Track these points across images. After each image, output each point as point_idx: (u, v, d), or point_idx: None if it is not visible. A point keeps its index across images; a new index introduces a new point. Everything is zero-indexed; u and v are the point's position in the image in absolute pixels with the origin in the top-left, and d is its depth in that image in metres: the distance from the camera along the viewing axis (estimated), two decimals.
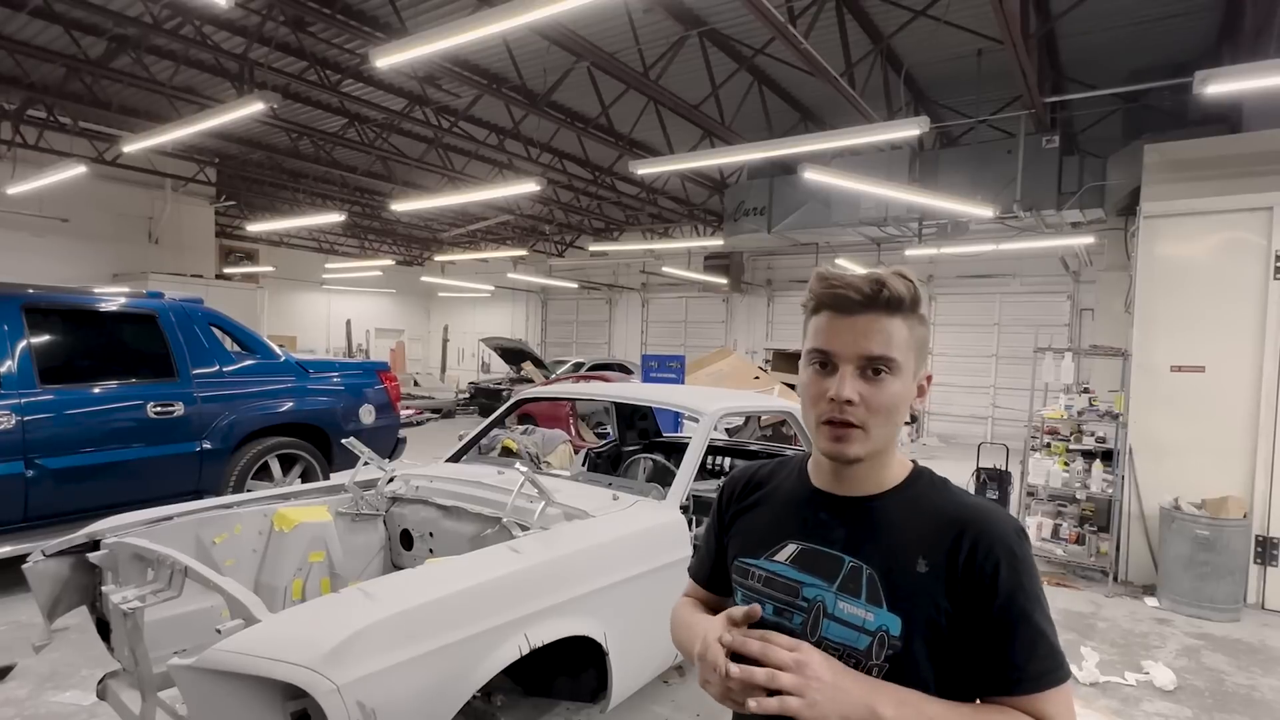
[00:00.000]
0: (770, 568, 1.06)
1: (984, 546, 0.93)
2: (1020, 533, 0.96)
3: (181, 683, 1.71)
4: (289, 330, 20.25)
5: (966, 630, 0.93)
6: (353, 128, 10.37)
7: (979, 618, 0.92)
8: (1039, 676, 0.90)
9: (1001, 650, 0.91)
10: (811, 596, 1.01)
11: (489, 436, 4.91)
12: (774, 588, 1.05)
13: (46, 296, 4.47)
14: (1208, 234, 5.26)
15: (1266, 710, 3.56)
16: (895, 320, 0.96)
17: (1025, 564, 0.93)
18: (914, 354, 0.99)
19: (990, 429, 14.58)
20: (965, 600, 0.93)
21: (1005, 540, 0.93)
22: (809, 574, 1.02)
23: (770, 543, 1.08)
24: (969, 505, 0.99)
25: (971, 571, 0.93)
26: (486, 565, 2.20)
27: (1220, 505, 4.86)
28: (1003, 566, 0.92)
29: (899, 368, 0.96)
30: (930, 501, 1.01)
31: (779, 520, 1.10)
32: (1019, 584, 0.92)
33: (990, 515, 0.97)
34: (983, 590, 0.92)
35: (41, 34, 7.77)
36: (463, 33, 4.53)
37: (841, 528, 1.03)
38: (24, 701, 3.16)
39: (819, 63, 5.72)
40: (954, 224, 10.23)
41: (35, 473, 4.08)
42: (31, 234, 11.71)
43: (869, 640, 0.96)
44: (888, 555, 0.98)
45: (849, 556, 1.00)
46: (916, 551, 0.96)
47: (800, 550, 1.05)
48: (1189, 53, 7.26)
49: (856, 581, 0.99)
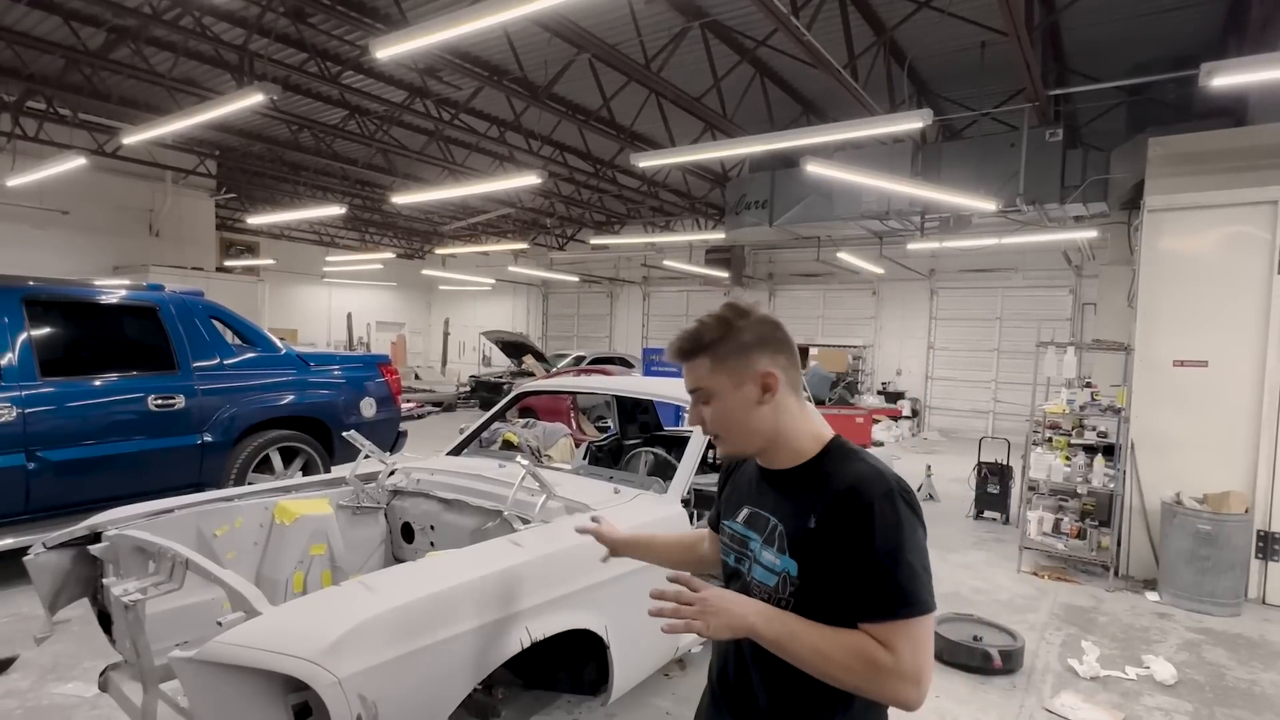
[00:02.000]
0: (733, 526, 1.38)
1: (852, 503, 1.15)
2: (887, 494, 1.15)
3: (183, 675, 1.70)
4: (290, 323, 20.25)
5: (840, 571, 1.15)
6: (353, 120, 10.33)
7: (848, 561, 1.14)
8: (877, 609, 1.11)
9: (853, 587, 1.13)
10: (752, 548, 1.31)
11: (490, 430, 4.91)
12: (734, 541, 1.37)
13: (47, 289, 4.46)
14: (1211, 228, 5.24)
15: (1267, 704, 3.56)
16: (696, 360, 1.27)
17: (883, 517, 1.13)
18: (726, 374, 1.25)
19: (992, 423, 14.57)
20: (839, 548, 1.15)
21: (870, 497, 1.14)
22: (751, 530, 1.32)
23: (736, 507, 1.39)
24: (854, 471, 1.20)
25: (842, 523, 1.15)
26: (488, 558, 2.19)
27: (1222, 500, 4.85)
28: (863, 519, 1.13)
29: (712, 393, 1.27)
30: (829, 470, 1.23)
31: (742, 490, 1.40)
32: (873, 533, 1.12)
33: (865, 478, 1.18)
34: (848, 539, 1.14)
35: (40, 25, 7.73)
36: (463, 24, 4.50)
37: (771, 494, 1.30)
38: (26, 693, 3.17)
39: (821, 55, 5.68)
40: (956, 218, 10.19)
41: (36, 465, 4.08)
42: (32, 226, 11.69)
43: (776, 579, 1.24)
44: (791, 515, 1.24)
45: (772, 516, 1.28)
46: (809, 511, 1.20)
47: (749, 513, 1.34)
48: (1194, 45, 7.21)
49: (773, 535, 1.26)
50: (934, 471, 8.27)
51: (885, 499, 1.14)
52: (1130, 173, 7.74)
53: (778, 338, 1.27)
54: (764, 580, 1.26)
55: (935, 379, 15.92)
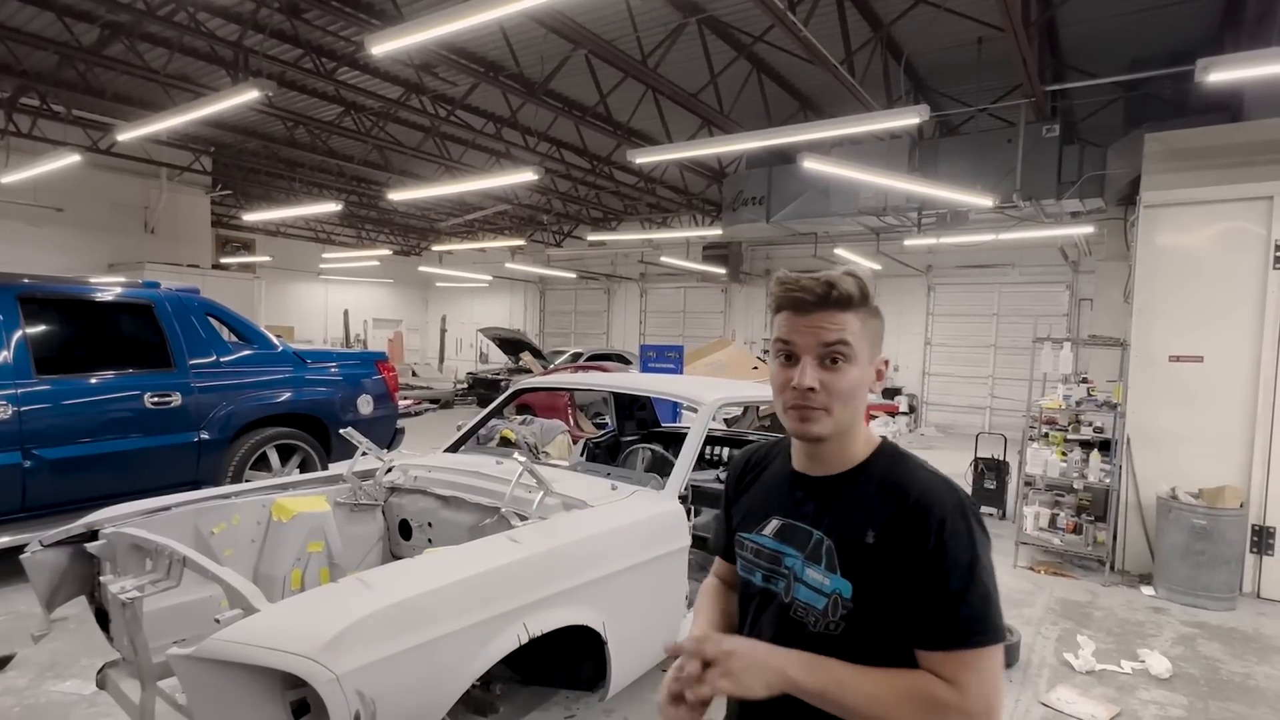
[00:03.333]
0: (759, 540, 1.21)
1: (919, 517, 1.02)
2: (959, 506, 1.03)
3: (181, 672, 1.71)
4: (286, 320, 20.18)
5: (903, 592, 1.02)
6: (349, 116, 10.30)
7: (912, 582, 1.01)
8: (946, 637, 0.99)
9: (924, 611, 1.01)
10: (789, 565, 1.15)
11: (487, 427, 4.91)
12: (762, 558, 1.20)
13: (42, 286, 4.44)
14: (1207, 224, 5.25)
15: (1261, 698, 3.58)
16: (848, 314, 1.08)
17: (955, 533, 1.01)
18: (867, 343, 1.09)
19: (988, 419, 14.60)
20: (902, 566, 1.02)
21: (939, 511, 1.02)
22: (787, 545, 1.16)
23: (759, 518, 1.22)
24: (915, 480, 1.07)
25: (908, 539, 1.02)
26: (485, 555, 2.19)
27: (1217, 495, 4.87)
28: (932, 536, 1.01)
29: (854, 355, 1.07)
30: (884, 477, 1.10)
31: (767, 498, 1.24)
32: (945, 551, 1.00)
33: (930, 488, 1.05)
34: (914, 556, 1.01)
35: (33, 20, 7.68)
36: (459, 19, 4.49)
37: (811, 503, 1.15)
38: (24, 691, 3.17)
39: (818, 50, 5.68)
40: (953, 214, 10.20)
41: (32, 463, 4.07)
42: (26, 223, 11.63)
43: (825, 601, 1.09)
44: (843, 528, 1.09)
45: (815, 529, 1.13)
46: (866, 524, 1.07)
47: (781, 525, 1.18)
48: (1190, 41, 7.21)
49: (819, 551, 1.11)
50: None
51: (957, 512, 1.03)
52: (1127, 168, 7.73)
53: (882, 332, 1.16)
54: (810, 602, 1.11)
55: (932, 375, 15.95)
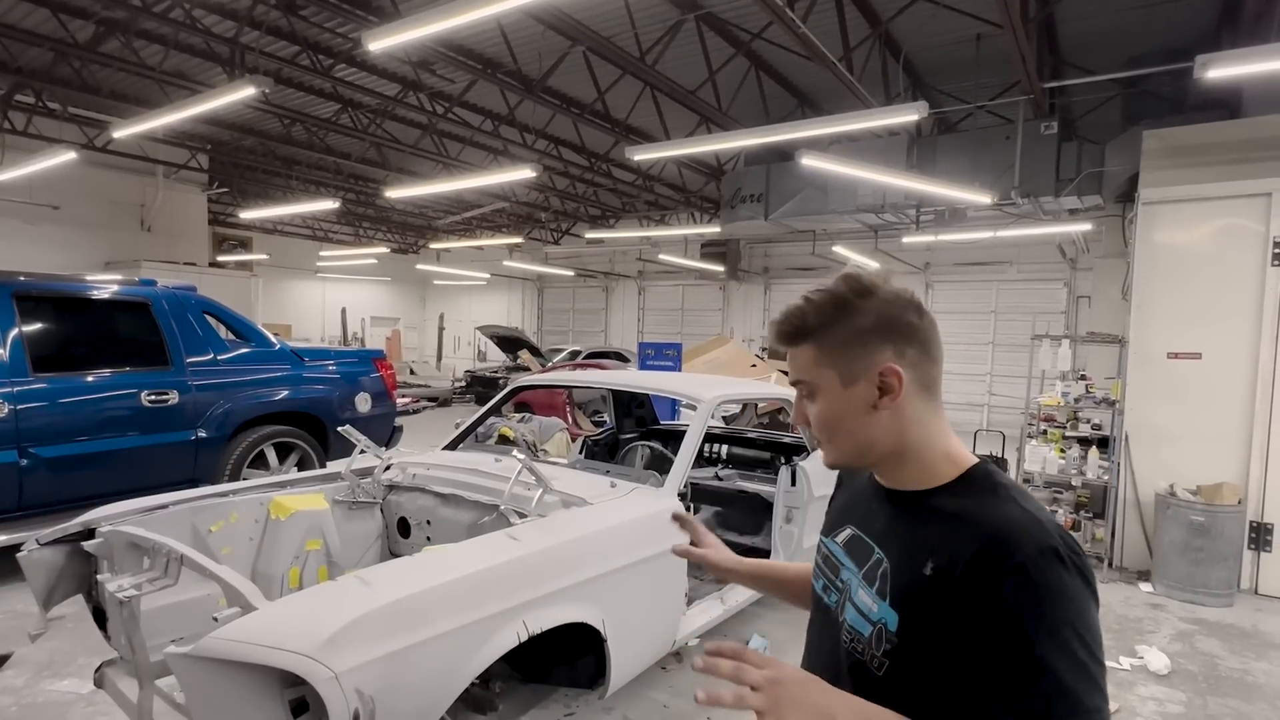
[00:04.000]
0: (829, 547, 1.13)
1: (994, 559, 0.84)
2: (1049, 552, 0.83)
3: (179, 671, 1.70)
4: (284, 318, 20.14)
5: (964, 645, 0.85)
6: (346, 113, 10.27)
7: (977, 636, 0.84)
8: (1029, 716, 0.79)
9: (993, 676, 0.82)
10: (845, 579, 1.05)
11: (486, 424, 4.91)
12: (827, 565, 1.12)
13: (38, 284, 4.42)
14: (1206, 220, 5.25)
15: (1259, 693, 3.59)
16: (800, 349, 1.02)
17: (1040, 586, 0.82)
18: (832, 368, 0.99)
19: (987, 416, 14.61)
20: (963, 614, 0.85)
21: (1022, 556, 0.83)
22: (850, 558, 1.06)
23: (837, 524, 1.15)
24: (1001, 514, 0.89)
25: (971, 581, 0.85)
26: (484, 553, 2.19)
27: (1215, 492, 4.88)
28: (1010, 582, 0.82)
29: (817, 388, 1.01)
30: (966, 505, 0.93)
31: (849, 505, 1.15)
32: (1023, 604, 0.81)
33: (1016, 527, 0.86)
34: (978, 603, 0.84)
35: (28, 17, 7.64)
36: (456, 15, 4.47)
37: (881, 518, 1.04)
38: (21, 690, 3.16)
39: (817, 47, 5.67)
40: (951, 211, 10.20)
41: (29, 462, 4.06)
42: (22, 221, 11.59)
43: (871, 630, 0.96)
44: (902, 552, 0.96)
45: (877, 547, 1.01)
46: (928, 553, 0.91)
47: (852, 535, 1.09)
48: (1188, 38, 7.22)
49: (875, 572, 0.99)
50: None
51: (1044, 558, 0.83)
52: (1125, 165, 7.74)
53: (908, 323, 0.99)
54: (857, 626, 0.99)
55: None
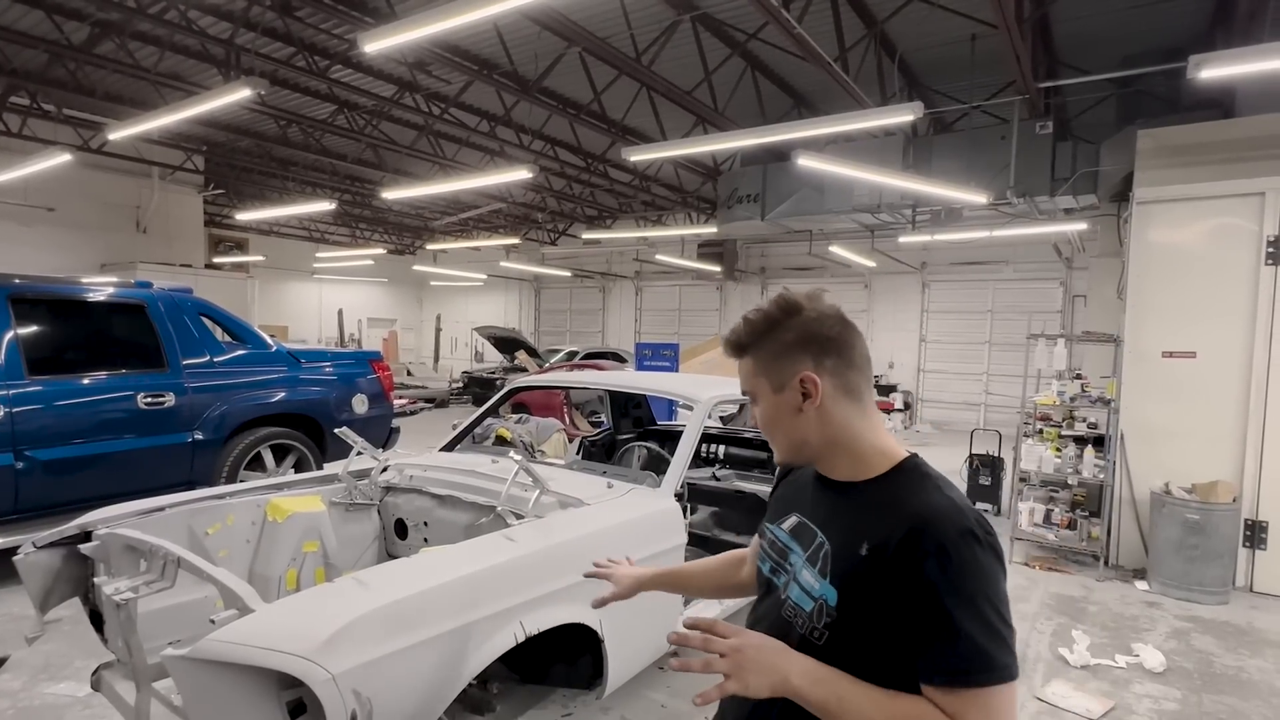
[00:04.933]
0: (776, 533, 1.25)
1: (919, 540, 0.97)
2: (964, 533, 0.97)
3: (176, 673, 1.70)
4: (280, 320, 20.11)
5: (895, 616, 0.98)
6: (342, 114, 10.25)
7: (906, 607, 0.97)
8: (950, 673, 0.94)
9: (916, 641, 0.97)
10: (792, 561, 1.18)
11: (483, 425, 4.90)
12: (774, 550, 1.24)
13: (34, 287, 4.41)
14: (1200, 219, 5.27)
15: (1254, 691, 3.61)
16: (742, 361, 1.19)
17: (958, 562, 0.95)
18: (764, 377, 1.16)
19: (983, 415, 14.64)
20: (892, 586, 0.98)
21: (942, 538, 0.96)
22: (796, 542, 1.19)
23: (783, 512, 1.26)
24: (924, 500, 1.03)
25: (900, 560, 0.98)
26: (481, 554, 2.19)
27: (1210, 490, 4.90)
28: (931, 560, 0.95)
29: (757, 394, 1.18)
30: (898, 494, 1.07)
31: (795, 494, 1.27)
32: (945, 580, 0.94)
33: (939, 512, 1.00)
34: (906, 579, 0.97)
35: (23, 19, 7.62)
36: (452, 17, 4.47)
37: (823, 506, 1.17)
38: (18, 693, 3.15)
39: (812, 48, 5.68)
40: (947, 210, 10.22)
41: (25, 464, 4.05)
42: (17, 224, 11.56)
43: (813, 605, 1.09)
44: (841, 535, 1.10)
45: (820, 532, 1.15)
46: (863, 536, 1.05)
47: (798, 522, 1.21)
48: (1182, 38, 7.24)
49: (817, 554, 1.12)
50: None
51: (963, 538, 0.96)
52: (1119, 165, 7.76)
53: (826, 335, 1.12)
54: (800, 603, 1.12)
55: (927, 372, 16.00)
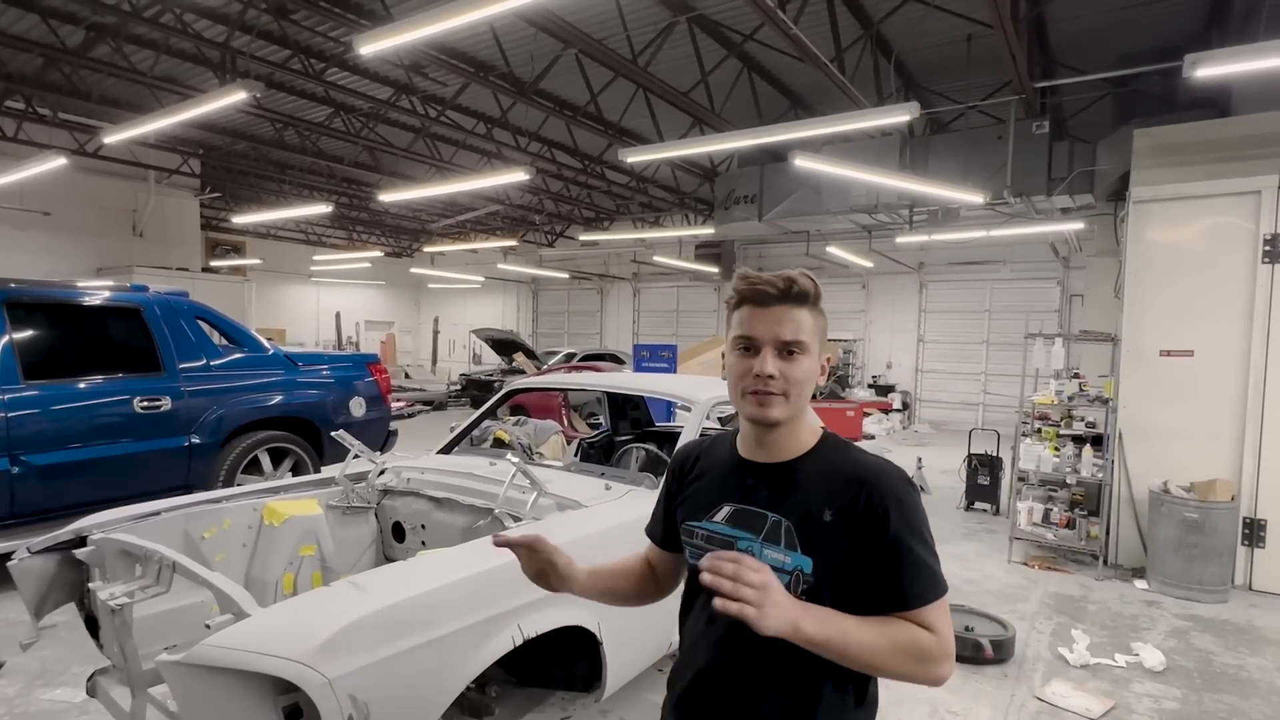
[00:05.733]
0: (710, 527, 1.28)
1: (876, 495, 1.14)
2: (906, 481, 1.18)
3: (171, 679, 1.69)
4: (277, 323, 20.08)
5: (864, 564, 1.14)
6: (338, 117, 10.24)
7: (873, 552, 1.14)
8: (921, 594, 1.12)
9: (893, 577, 1.13)
10: (744, 548, 1.21)
11: (481, 428, 4.89)
12: (714, 543, 1.26)
13: (29, 291, 4.40)
14: (1196, 218, 5.28)
15: (1254, 689, 3.60)
16: (803, 311, 1.19)
17: (909, 506, 1.15)
18: (818, 338, 1.21)
19: (981, 415, 14.66)
20: (862, 540, 1.14)
21: (893, 488, 1.15)
22: (740, 529, 1.24)
23: (709, 506, 1.29)
24: (864, 463, 1.20)
25: (867, 516, 1.14)
26: (479, 557, 2.18)
27: (1208, 488, 4.90)
28: (891, 510, 1.13)
29: (808, 348, 1.19)
30: (834, 461, 1.22)
31: (716, 487, 1.31)
32: (903, 523, 1.13)
33: (881, 469, 1.19)
34: (875, 530, 1.14)
35: (17, 23, 7.61)
36: (448, 19, 4.47)
37: (764, 489, 1.23)
38: (14, 699, 3.14)
39: (808, 48, 5.68)
40: (944, 210, 10.24)
41: (20, 469, 4.03)
42: (12, 228, 11.53)
43: (787, 579, 1.16)
44: (800, 509, 1.19)
45: (770, 512, 1.21)
46: (823, 504, 1.17)
47: (733, 511, 1.26)
48: (1178, 37, 7.26)
49: (777, 532, 1.19)
50: (925, 464, 8.32)
51: (906, 487, 1.17)
52: (1116, 164, 7.77)
53: None
54: None
55: (925, 372, 16.01)
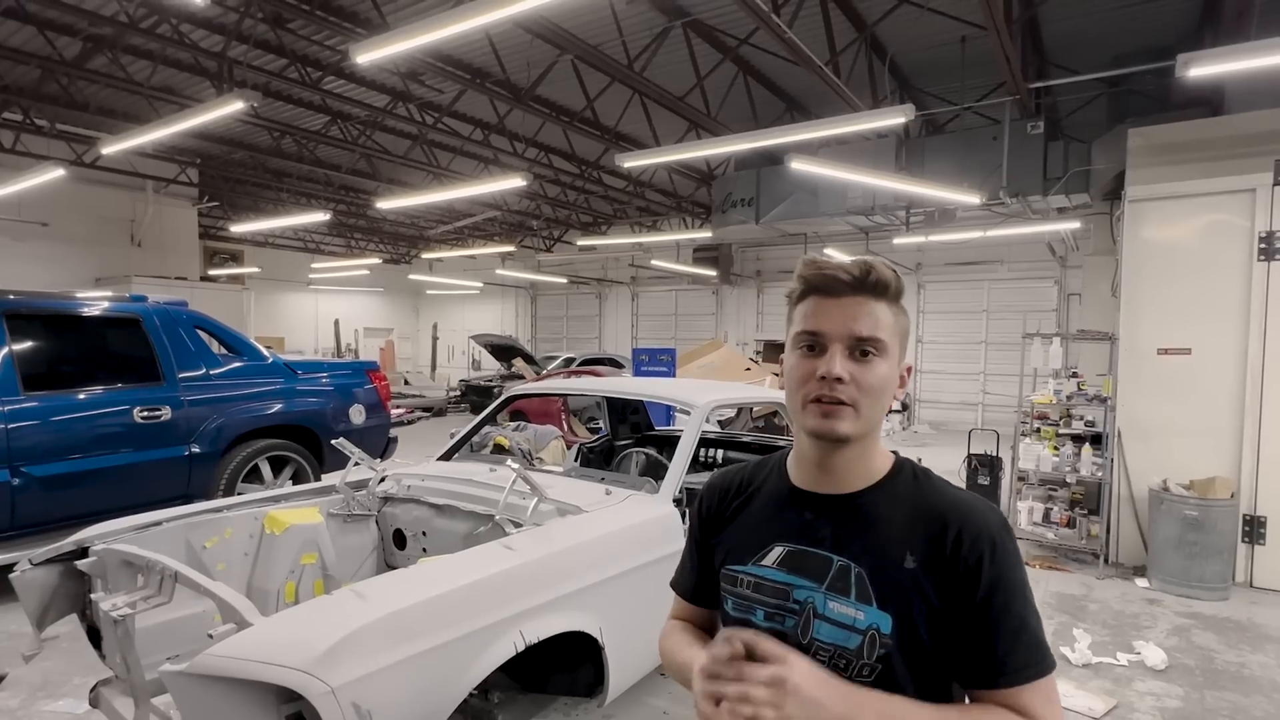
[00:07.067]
0: (759, 572, 1.05)
1: (969, 539, 0.93)
2: (1004, 525, 0.96)
3: (174, 689, 1.69)
4: (276, 331, 20.09)
5: (953, 624, 0.93)
6: (335, 125, 10.27)
7: (964, 610, 0.92)
8: (1022, 669, 0.91)
9: (986, 643, 0.92)
10: (802, 598, 1.00)
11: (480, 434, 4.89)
12: (764, 592, 1.03)
13: (28, 302, 4.40)
14: (1192, 216, 5.29)
15: (1256, 686, 3.60)
16: (881, 304, 0.97)
17: (1009, 556, 0.93)
18: (898, 340, 0.99)
19: (980, 415, 14.66)
20: (951, 594, 0.93)
21: (989, 532, 0.94)
22: (798, 575, 1.01)
23: (757, 547, 1.06)
24: (953, 498, 0.99)
25: (957, 565, 0.93)
26: (480, 563, 2.19)
27: (1208, 486, 4.90)
28: (986, 559, 0.92)
29: (886, 349, 0.97)
30: (915, 495, 1.00)
31: (764, 523, 1.08)
32: (1001, 575, 0.92)
33: (975, 508, 0.97)
34: (967, 583, 0.92)
35: (14, 35, 7.63)
36: (444, 27, 4.48)
37: (827, 525, 1.01)
38: (16, 711, 3.13)
39: (803, 52, 5.71)
40: (941, 211, 10.26)
41: (21, 480, 4.02)
42: (11, 239, 11.54)
43: (860, 639, 0.95)
44: (875, 552, 0.97)
45: (836, 555, 0.99)
46: (904, 547, 0.96)
47: (787, 552, 1.03)
48: (1171, 36, 7.30)
49: (845, 580, 0.97)
50: (925, 465, 8.31)
51: (1005, 533, 0.95)
52: (1111, 164, 7.80)
53: None
54: (838, 641, 0.96)
55: (924, 372, 16.01)
